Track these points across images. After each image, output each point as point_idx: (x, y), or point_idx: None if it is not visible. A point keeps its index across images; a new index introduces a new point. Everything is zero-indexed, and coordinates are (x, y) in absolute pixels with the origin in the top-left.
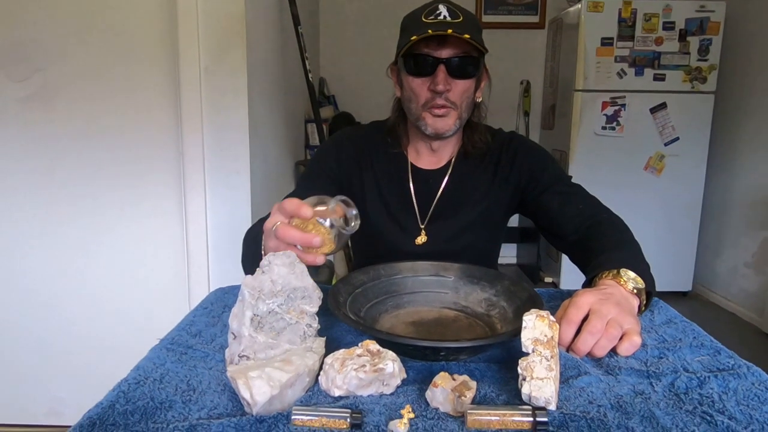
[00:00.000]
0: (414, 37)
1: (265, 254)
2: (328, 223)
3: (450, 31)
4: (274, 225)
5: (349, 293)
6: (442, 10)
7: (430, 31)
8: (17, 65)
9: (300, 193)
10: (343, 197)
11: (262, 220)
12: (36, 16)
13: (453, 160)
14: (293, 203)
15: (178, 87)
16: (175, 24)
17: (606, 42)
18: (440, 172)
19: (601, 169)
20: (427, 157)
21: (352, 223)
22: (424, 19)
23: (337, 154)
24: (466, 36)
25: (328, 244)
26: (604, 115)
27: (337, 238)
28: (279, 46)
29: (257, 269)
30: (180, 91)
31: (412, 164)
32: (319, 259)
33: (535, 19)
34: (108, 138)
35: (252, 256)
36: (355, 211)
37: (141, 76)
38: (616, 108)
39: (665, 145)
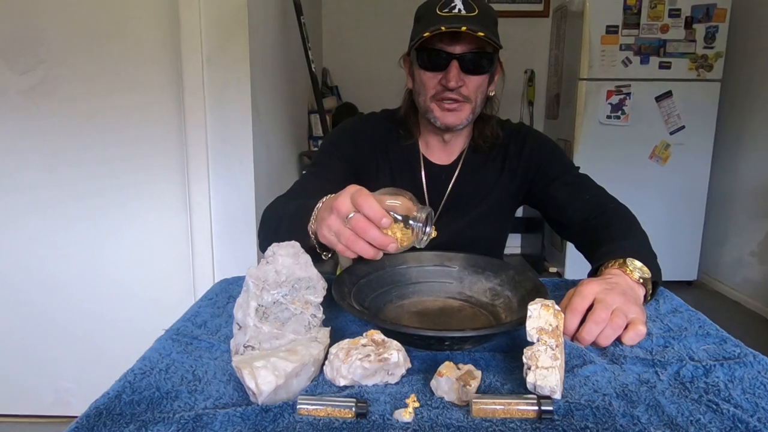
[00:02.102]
0: (426, 34)
1: (317, 229)
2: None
3: (464, 28)
4: (349, 213)
5: (353, 283)
6: (458, 2)
7: (443, 27)
8: (20, 56)
9: (318, 171)
10: (430, 210)
11: (284, 197)
12: (38, 7)
13: (464, 154)
14: (375, 210)
15: (180, 78)
16: (177, 15)
17: (611, 30)
18: (451, 167)
19: (606, 158)
20: (438, 150)
21: (423, 238)
22: (438, 12)
23: (355, 139)
24: (480, 34)
25: (399, 246)
26: (609, 103)
27: (404, 241)
28: (281, 36)
29: (262, 260)
30: (182, 82)
31: (424, 157)
32: (379, 255)
33: (539, 7)
34: (110, 130)
35: (289, 230)
36: (429, 229)
37: (143, 67)
38: (621, 97)
39: (671, 133)
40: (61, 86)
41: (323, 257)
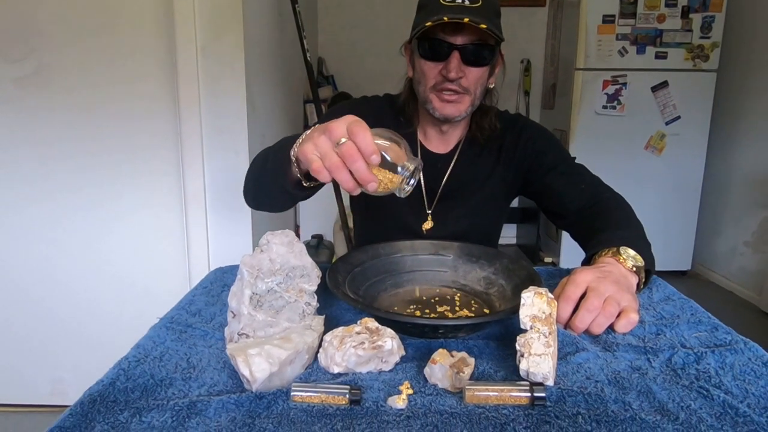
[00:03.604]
0: (428, 24)
1: (299, 146)
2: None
3: (467, 19)
4: (341, 139)
5: (348, 272)
6: None
7: (445, 18)
8: (13, 45)
9: None
10: (420, 163)
11: (271, 148)
12: None
13: (461, 144)
14: (368, 143)
15: (174, 67)
16: (171, 4)
17: (607, 19)
18: (448, 156)
19: (602, 148)
20: (436, 140)
21: (405, 188)
22: (441, 2)
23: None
24: (483, 26)
25: (380, 187)
26: (605, 94)
27: (387, 186)
28: (276, 25)
29: (256, 248)
30: (177, 73)
31: (421, 145)
32: (356, 191)
33: None
34: (105, 121)
35: (275, 163)
36: (413, 181)
37: (137, 57)
38: (617, 87)
39: (666, 124)
40: (54, 77)
41: (304, 184)
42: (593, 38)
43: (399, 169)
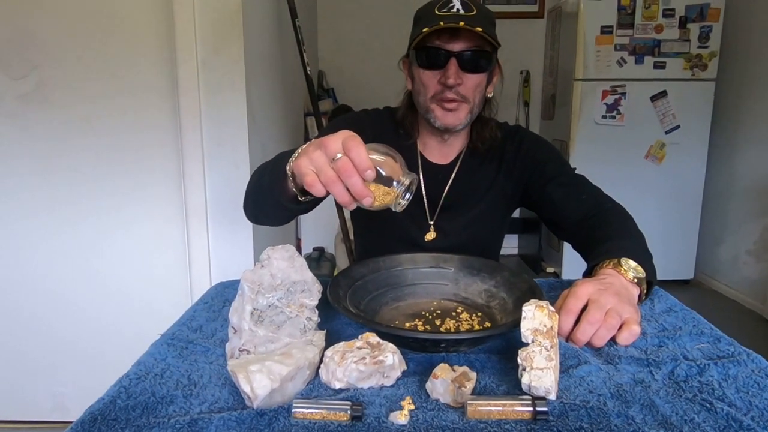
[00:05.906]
0: (426, 29)
1: (294, 161)
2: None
3: (462, 24)
4: (337, 154)
5: (349, 286)
6: (456, 2)
7: (441, 23)
8: (14, 62)
9: None
10: (415, 177)
11: (269, 163)
12: (32, 12)
13: (462, 155)
14: (363, 158)
15: (175, 81)
16: (172, 18)
17: (606, 30)
18: (449, 167)
19: (602, 158)
20: (437, 151)
21: (400, 203)
22: (437, 12)
23: (358, 130)
24: (478, 29)
25: (375, 202)
26: (605, 104)
27: (383, 200)
28: (277, 39)
29: (257, 264)
30: (178, 86)
31: (422, 157)
32: (352, 206)
33: (534, 8)
34: (106, 134)
35: (272, 175)
36: (409, 196)
37: (138, 71)
38: (617, 97)
39: (666, 133)
40: (56, 91)
41: (300, 198)
42: (592, 49)
43: (394, 183)
